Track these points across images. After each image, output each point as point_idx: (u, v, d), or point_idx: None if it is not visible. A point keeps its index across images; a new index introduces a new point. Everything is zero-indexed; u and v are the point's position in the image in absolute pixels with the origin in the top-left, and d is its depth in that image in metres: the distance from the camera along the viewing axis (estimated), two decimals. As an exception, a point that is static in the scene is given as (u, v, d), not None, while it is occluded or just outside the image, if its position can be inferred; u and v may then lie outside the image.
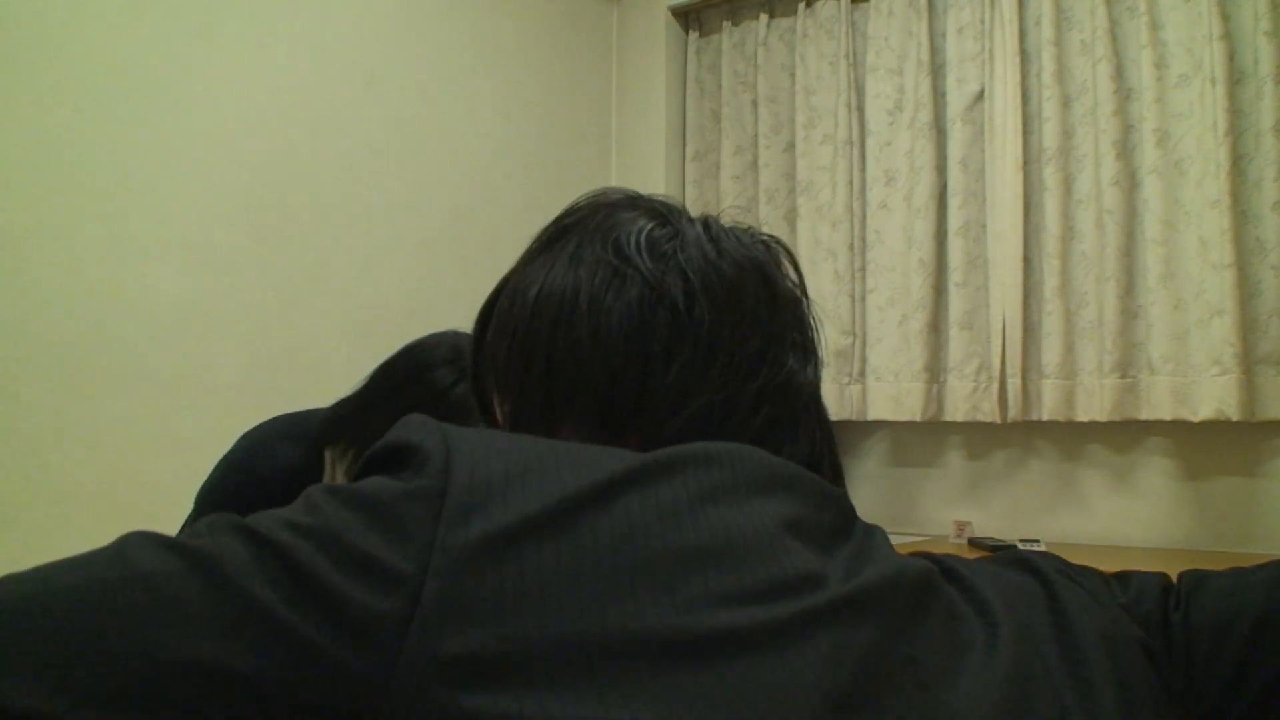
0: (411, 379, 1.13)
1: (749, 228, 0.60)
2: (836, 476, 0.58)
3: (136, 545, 0.38)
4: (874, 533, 0.51)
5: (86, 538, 1.19)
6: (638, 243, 0.55)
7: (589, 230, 0.57)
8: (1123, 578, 0.57)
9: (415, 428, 0.43)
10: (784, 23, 2.84)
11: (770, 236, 0.61)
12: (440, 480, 0.39)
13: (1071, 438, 2.43)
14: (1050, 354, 2.35)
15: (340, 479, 1.17)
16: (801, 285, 0.61)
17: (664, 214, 0.58)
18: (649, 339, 0.52)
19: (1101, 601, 0.53)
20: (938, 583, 0.48)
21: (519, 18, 2.66)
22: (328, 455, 1.18)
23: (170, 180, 1.84)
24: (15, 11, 1.62)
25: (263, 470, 1.15)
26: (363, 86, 2.21)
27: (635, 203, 0.59)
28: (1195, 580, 0.55)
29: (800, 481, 0.48)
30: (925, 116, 2.53)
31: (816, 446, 0.57)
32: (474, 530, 0.38)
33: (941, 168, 2.53)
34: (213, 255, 1.89)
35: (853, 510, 0.51)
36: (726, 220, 0.60)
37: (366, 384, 1.18)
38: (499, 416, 0.58)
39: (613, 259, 0.54)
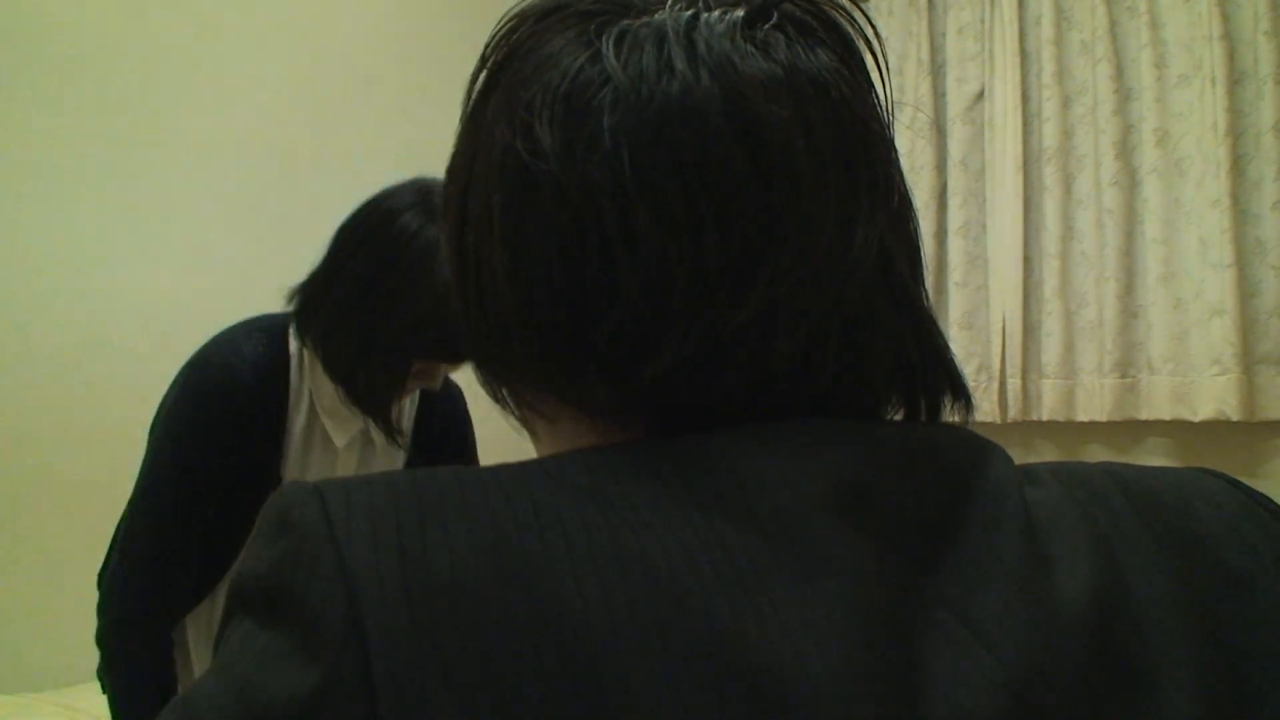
0: (377, 229, 1.02)
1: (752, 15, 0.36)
2: (951, 392, 0.40)
3: None
4: (999, 529, 0.34)
5: (87, 538, 1.19)
6: (551, 105, 0.35)
7: (505, 83, 0.39)
8: None
9: (289, 550, 0.30)
10: (784, 23, 2.84)
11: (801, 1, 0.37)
12: (354, 665, 0.28)
13: (1071, 437, 2.43)
14: (1050, 354, 2.35)
15: (319, 380, 1.08)
16: (874, 54, 0.39)
17: (606, 24, 0.37)
18: (576, 275, 0.35)
19: None
20: (1085, 662, 0.32)
21: (519, 18, 2.66)
22: (293, 348, 1.09)
23: (170, 180, 1.84)
24: (15, 11, 1.62)
25: (227, 366, 1.04)
26: (363, 86, 2.21)
27: (588, 5, 0.38)
28: None
29: (871, 473, 0.33)
30: (925, 116, 2.53)
31: (906, 357, 0.38)
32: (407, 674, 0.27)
33: (941, 168, 2.53)
34: (213, 255, 1.89)
35: (968, 482, 0.35)
36: None
37: (329, 248, 1.05)
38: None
39: (520, 143, 0.36)
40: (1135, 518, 0.36)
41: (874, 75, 0.38)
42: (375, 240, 1.02)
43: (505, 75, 0.39)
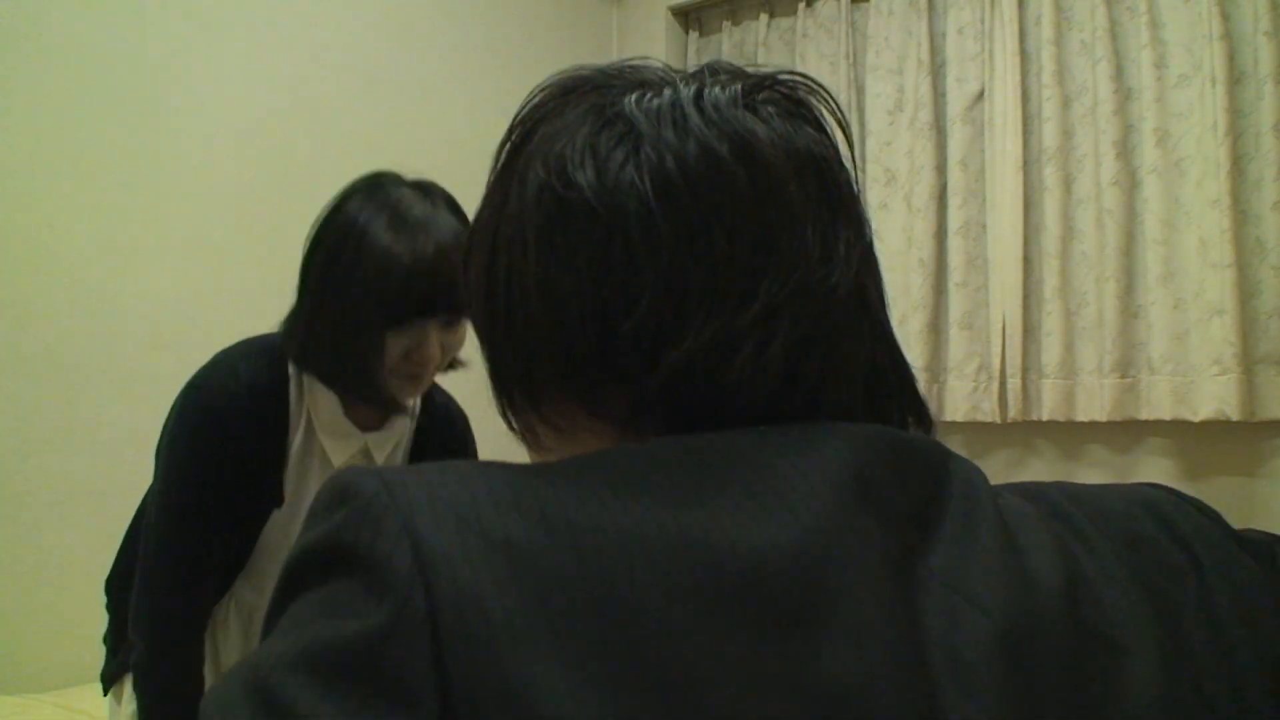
0: (327, 224, 1.05)
1: (751, 72, 0.46)
2: (913, 408, 0.46)
3: None
4: (976, 517, 0.39)
5: (87, 538, 1.18)
6: (584, 150, 0.43)
7: (539, 140, 0.46)
8: (1243, 539, 0.48)
9: (358, 511, 0.33)
10: (784, 23, 2.84)
11: (785, 77, 0.46)
12: (421, 602, 0.31)
13: (1071, 437, 2.43)
14: (1050, 354, 2.35)
15: (316, 399, 1.09)
16: (842, 127, 0.47)
17: (626, 92, 0.45)
18: (603, 281, 0.41)
19: (1247, 569, 0.45)
20: (1066, 625, 0.38)
21: (519, 18, 2.66)
22: (291, 369, 1.10)
23: (170, 180, 1.84)
24: (15, 11, 1.62)
25: (225, 392, 1.05)
26: (363, 86, 2.21)
27: (598, 82, 0.46)
28: None
29: (869, 458, 0.38)
30: (925, 116, 2.53)
31: (877, 372, 0.44)
32: (484, 665, 0.30)
33: (941, 168, 2.53)
34: (213, 255, 1.89)
35: (944, 473, 0.40)
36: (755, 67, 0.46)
37: (301, 270, 1.08)
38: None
39: (555, 181, 0.43)
40: (1088, 521, 0.43)
41: (841, 142, 0.47)
42: (326, 235, 1.05)
43: (535, 137, 0.46)
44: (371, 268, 0.99)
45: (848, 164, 0.46)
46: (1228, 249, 2.10)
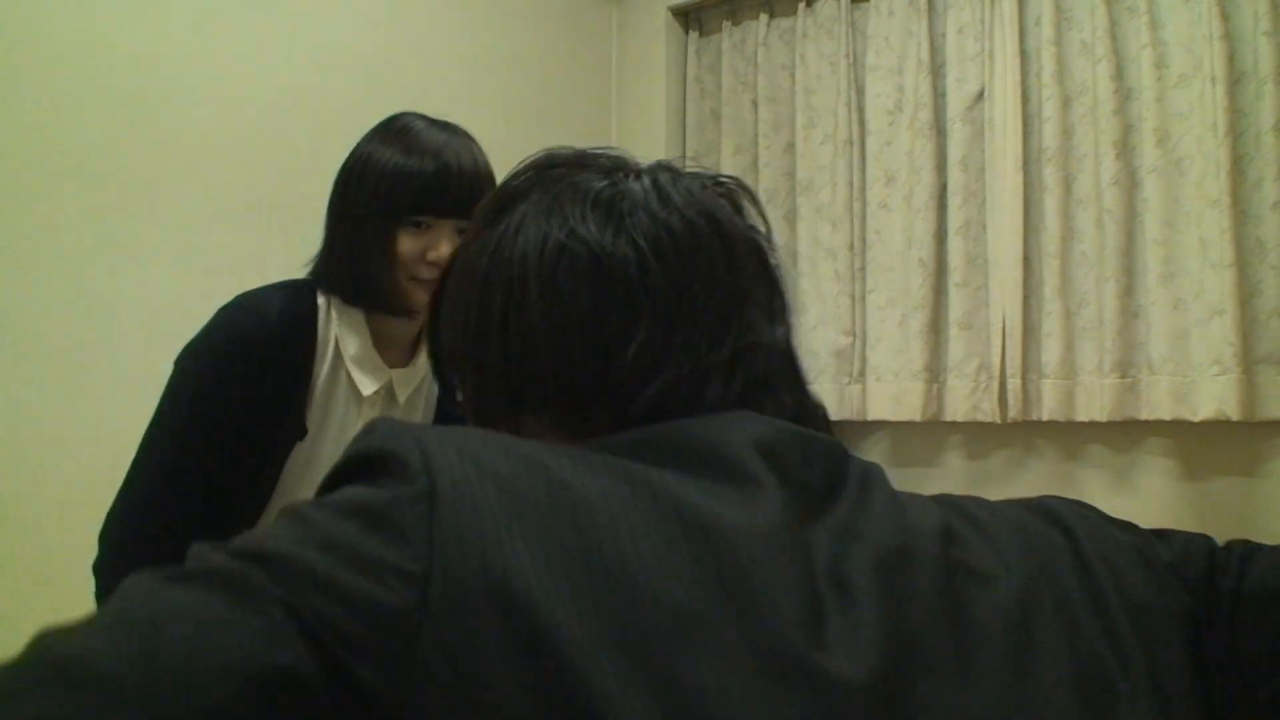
0: (344, 165, 1.16)
1: (702, 172, 0.58)
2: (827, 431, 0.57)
3: (149, 589, 0.38)
4: (870, 490, 0.49)
5: (87, 538, 1.19)
6: (583, 211, 0.53)
7: (533, 200, 0.55)
8: (1164, 535, 0.55)
9: (386, 434, 0.43)
10: (784, 23, 2.84)
11: (728, 177, 0.58)
12: (425, 483, 0.40)
13: (1071, 437, 2.43)
14: (1050, 354, 2.35)
15: (345, 331, 1.13)
16: (766, 226, 0.59)
17: (610, 171, 0.56)
18: (604, 318, 0.51)
19: (1147, 559, 0.52)
20: (937, 555, 0.46)
21: (519, 18, 2.66)
22: (320, 301, 1.14)
23: (170, 180, 1.84)
24: (15, 11, 1.62)
25: (256, 312, 1.10)
26: (363, 86, 2.21)
27: (581, 161, 0.57)
28: (1248, 550, 0.53)
29: (782, 441, 0.48)
30: (925, 116, 2.53)
31: (804, 405, 0.56)
32: (468, 533, 0.39)
33: (941, 168, 2.53)
34: (213, 255, 1.89)
35: (844, 462, 0.50)
36: (691, 166, 0.58)
37: (327, 210, 1.17)
38: (460, 398, 0.58)
39: (558, 232, 0.52)
40: (979, 508, 0.53)
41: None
42: (343, 167, 1.15)
43: (528, 199, 0.55)
44: (386, 173, 1.08)
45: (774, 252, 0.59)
46: (1228, 249, 2.10)
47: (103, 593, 1.06)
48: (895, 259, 2.56)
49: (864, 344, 2.62)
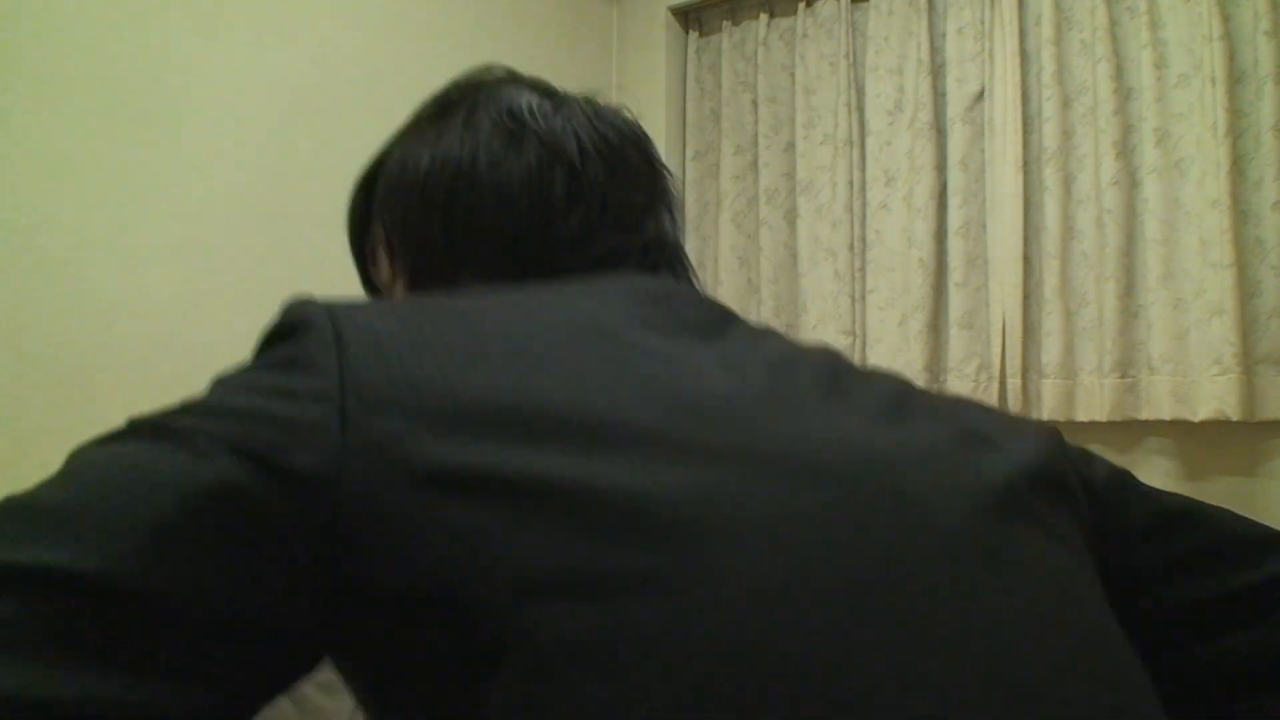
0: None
1: (620, 107, 0.68)
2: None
3: (83, 451, 0.40)
4: (769, 333, 0.54)
5: (87, 538, 1.18)
6: (530, 109, 0.61)
7: (478, 101, 0.62)
8: (1087, 454, 0.63)
9: (294, 306, 0.46)
10: (784, 23, 2.84)
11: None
12: (331, 332, 0.42)
13: (1071, 437, 2.40)
14: (1050, 354, 2.35)
15: None
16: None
17: (547, 88, 0.65)
18: (548, 195, 0.58)
19: (1063, 452, 0.58)
20: (823, 361, 0.52)
21: (519, 17, 2.66)
22: None
23: (170, 180, 1.84)
24: (15, 11, 1.62)
25: None
26: (363, 86, 2.21)
27: (517, 78, 0.65)
28: (1175, 502, 0.60)
29: (679, 292, 0.55)
30: (925, 116, 2.53)
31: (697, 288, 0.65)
32: (373, 359, 0.41)
33: (941, 168, 2.53)
34: (213, 255, 1.89)
35: (731, 315, 0.55)
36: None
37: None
38: (390, 271, 0.63)
39: (508, 123, 0.60)
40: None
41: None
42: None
43: (467, 101, 0.63)
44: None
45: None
46: (1228, 249, 2.10)
47: None
48: (895, 259, 2.56)
49: (864, 344, 2.62)
